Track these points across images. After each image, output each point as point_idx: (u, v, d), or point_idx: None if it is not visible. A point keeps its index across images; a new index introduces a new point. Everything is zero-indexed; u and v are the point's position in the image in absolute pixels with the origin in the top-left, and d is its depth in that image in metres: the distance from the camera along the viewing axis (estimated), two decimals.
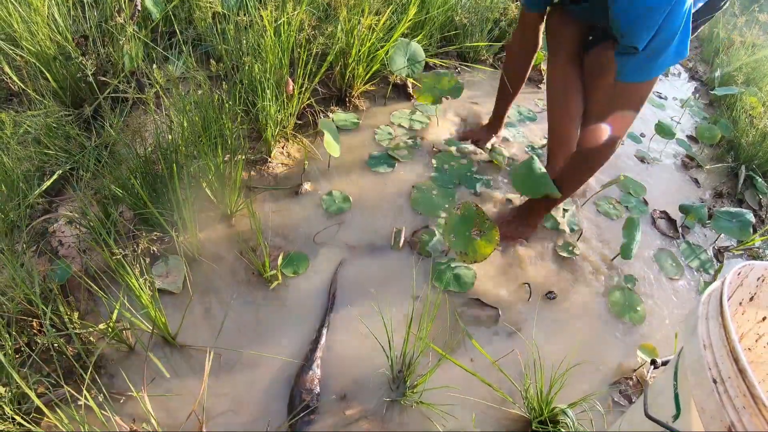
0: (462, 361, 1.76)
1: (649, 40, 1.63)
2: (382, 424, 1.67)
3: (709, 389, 0.92)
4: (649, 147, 3.05)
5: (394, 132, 2.65)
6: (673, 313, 2.18)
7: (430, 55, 2.98)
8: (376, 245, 2.14)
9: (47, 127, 2.14)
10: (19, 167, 2.02)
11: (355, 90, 2.68)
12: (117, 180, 1.92)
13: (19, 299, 1.65)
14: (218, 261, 1.98)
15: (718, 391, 0.91)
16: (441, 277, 2.07)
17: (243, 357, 1.75)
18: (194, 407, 1.58)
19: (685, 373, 1.01)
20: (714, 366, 0.93)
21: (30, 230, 1.96)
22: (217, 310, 1.85)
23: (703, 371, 0.94)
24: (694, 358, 0.99)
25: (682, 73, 4.12)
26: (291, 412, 1.63)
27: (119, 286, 1.79)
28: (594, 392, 1.78)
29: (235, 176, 2.00)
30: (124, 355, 1.71)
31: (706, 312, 1.03)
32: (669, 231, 2.50)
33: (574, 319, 2.06)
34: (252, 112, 2.27)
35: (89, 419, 1.48)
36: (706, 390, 0.93)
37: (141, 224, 1.97)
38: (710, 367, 0.94)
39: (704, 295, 1.09)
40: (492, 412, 1.73)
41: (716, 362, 0.93)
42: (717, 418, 0.90)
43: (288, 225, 2.13)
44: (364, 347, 1.83)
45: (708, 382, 0.93)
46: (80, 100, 2.40)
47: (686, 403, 1.05)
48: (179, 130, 1.98)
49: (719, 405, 0.90)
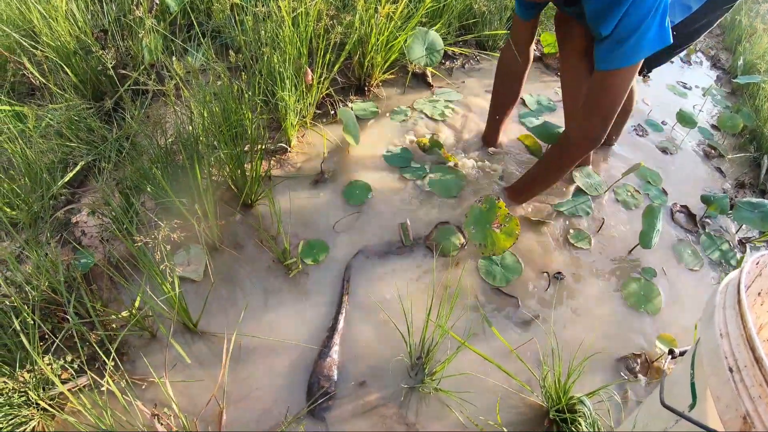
0: (480, 349, 1.75)
1: (615, 26, 1.63)
2: (400, 410, 1.66)
3: (725, 378, 0.91)
4: (670, 136, 3.01)
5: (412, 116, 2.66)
6: (693, 304, 2.14)
7: (449, 44, 2.96)
8: (395, 235, 2.13)
9: (69, 120, 2.16)
10: (41, 159, 2.05)
11: (374, 79, 2.68)
12: (138, 170, 1.94)
13: (43, 288, 1.67)
14: (239, 249, 1.99)
15: (734, 380, 0.89)
16: (493, 274, 2.06)
17: (263, 343, 1.76)
18: (214, 393, 1.59)
19: (702, 362, 0.99)
20: (730, 355, 0.92)
21: (53, 221, 1.98)
22: (237, 297, 1.86)
23: (720, 360, 0.93)
24: (710, 347, 0.97)
25: (704, 61, 4.06)
26: (310, 398, 1.64)
27: (141, 275, 1.81)
28: (611, 382, 1.76)
29: (255, 166, 2.01)
30: (146, 342, 1.73)
31: (723, 301, 1.02)
32: (688, 225, 2.46)
33: (593, 308, 2.04)
34: (271, 102, 2.28)
35: (112, 404, 1.49)
36: (722, 379, 0.91)
37: (162, 214, 1.98)
38: (726, 356, 0.92)
39: (722, 284, 1.07)
40: (510, 400, 1.72)
41: (733, 351, 0.92)
42: (732, 407, 0.89)
43: (307, 214, 2.14)
44: (383, 334, 1.83)
45: (724, 371, 0.91)
46: (101, 93, 2.42)
47: (702, 393, 1.04)
48: (199, 120, 1.98)
49: (735, 394, 0.88)
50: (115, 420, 1.46)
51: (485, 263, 2.08)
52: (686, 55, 3.93)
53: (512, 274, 2.05)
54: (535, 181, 2.24)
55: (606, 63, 1.73)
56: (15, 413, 1.47)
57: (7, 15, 2.47)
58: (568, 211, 2.34)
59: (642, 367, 1.87)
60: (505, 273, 2.05)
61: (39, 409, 1.51)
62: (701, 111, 3.29)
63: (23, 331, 1.52)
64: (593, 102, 1.83)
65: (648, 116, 3.03)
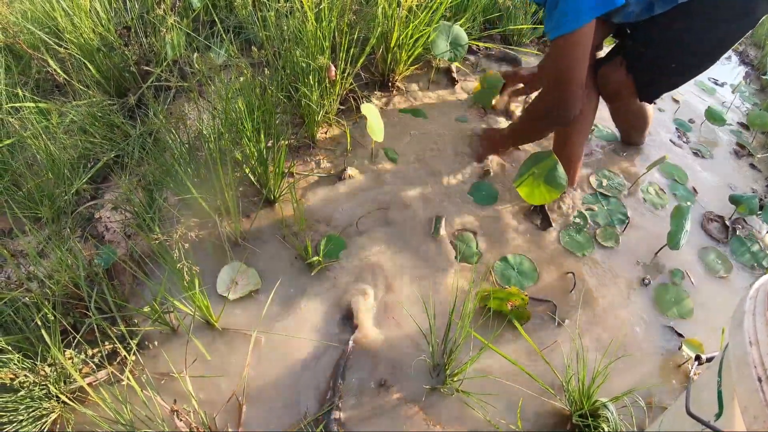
0: (502, 350, 1.71)
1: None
2: (421, 411, 1.63)
3: (753, 388, 0.86)
4: (699, 134, 2.93)
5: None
6: (720, 309, 2.06)
7: (474, 39, 2.93)
8: (419, 232, 2.10)
9: (92, 116, 2.17)
10: (65, 155, 2.05)
11: (398, 74, 2.65)
12: (161, 166, 1.93)
13: (64, 282, 1.67)
14: (261, 246, 1.97)
15: (762, 390, 0.85)
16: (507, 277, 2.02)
17: (284, 341, 1.74)
18: (235, 390, 1.58)
19: (730, 369, 0.95)
20: (760, 364, 0.88)
21: (76, 216, 1.98)
22: (259, 294, 1.85)
23: (748, 369, 0.89)
24: (739, 355, 0.93)
25: (733, 57, 3.97)
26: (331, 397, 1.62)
27: (163, 270, 1.80)
28: (636, 387, 1.70)
29: (278, 162, 1.99)
30: (167, 337, 1.71)
31: (753, 307, 0.97)
32: (719, 235, 2.37)
33: (618, 311, 1.98)
34: (294, 98, 2.26)
35: (131, 399, 1.48)
36: (750, 388, 0.87)
37: (185, 209, 1.97)
38: (755, 365, 0.88)
39: (752, 289, 1.02)
40: (532, 403, 1.68)
41: (762, 360, 0.88)
42: (760, 419, 0.85)
43: (331, 210, 2.11)
44: (406, 333, 1.80)
45: (752, 381, 0.87)
46: (124, 89, 2.43)
47: (729, 402, 1.00)
48: (222, 116, 1.97)
49: (763, 405, 0.84)
50: (134, 414, 1.44)
51: (502, 265, 2.04)
52: None
53: (527, 281, 2.01)
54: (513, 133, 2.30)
55: (549, 30, 1.75)
56: (36, 406, 1.47)
57: (31, 12, 2.49)
58: (604, 222, 2.27)
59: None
60: (520, 278, 2.01)
61: (59, 403, 1.52)
62: (730, 108, 3.21)
63: (45, 326, 1.52)
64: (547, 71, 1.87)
65: (676, 114, 2.96)
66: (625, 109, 2.37)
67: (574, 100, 1.84)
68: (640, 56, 1.97)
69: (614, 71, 2.03)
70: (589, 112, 2.14)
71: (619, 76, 2.02)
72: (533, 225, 2.21)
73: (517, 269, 2.04)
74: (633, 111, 2.40)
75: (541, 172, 1.96)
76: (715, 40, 1.88)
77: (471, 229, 2.15)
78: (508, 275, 2.02)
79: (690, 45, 1.90)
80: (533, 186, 1.98)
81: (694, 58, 1.95)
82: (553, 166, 1.95)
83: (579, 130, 2.15)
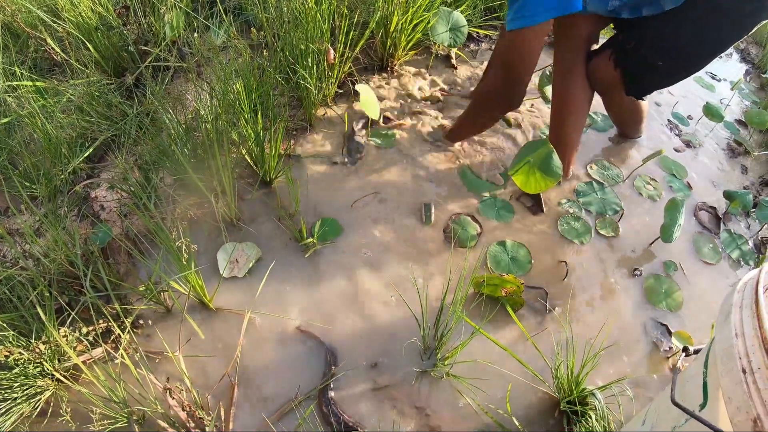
0: (493, 336, 1.72)
1: None
2: (410, 393, 1.65)
3: (737, 379, 0.88)
4: (695, 129, 2.92)
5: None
6: (710, 303, 2.07)
7: (474, 26, 2.92)
8: (413, 217, 2.11)
9: (89, 95, 2.16)
10: (62, 134, 2.05)
11: (397, 59, 2.65)
12: (158, 146, 1.93)
13: (60, 260, 1.67)
14: (256, 227, 1.97)
15: (746, 381, 0.87)
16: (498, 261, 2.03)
17: (277, 321, 1.75)
18: (228, 370, 1.59)
19: (716, 361, 0.96)
20: (744, 356, 0.89)
21: (72, 195, 1.98)
22: (253, 274, 1.85)
23: (733, 360, 0.90)
24: (725, 347, 0.94)
25: (734, 54, 3.95)
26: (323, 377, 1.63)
27: (158, 250, 1.80)
28: (624, 377, 1.71)
29: (275, 143, 1.99)
30: (161, 317, 1.72)
31: (740, 300, 0.98)
32: (711, 225, 2.37)
33: (609, 301, 1.99)
34: (292, 80, 2.25)
35: (125, 377, 1.48)
36: (735, 380, 0.89)
37: (181, 189, 1.98)
38: (741, 357, 0.89)
39: (740, 283, 1.04)
40: (521, 389, 1.69)
41: (747, 352, 0.89)
42: (743, 410, 0.86)
43: (326, 193, 2.12)
44: (398, 317, 1.81)
45: (737, 372, 0.89)
46: (122, 69, 2.42)
47: (714, 393, 1.01)
48: (220, 97, 1.97)
49: (746, 396, 0.86)
50: (127, 392, 1.45)
51: (496, 249, 2.05)
52: None
53: (519, 269, 2.01)
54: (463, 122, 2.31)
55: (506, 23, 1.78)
56: (30, 383, 1.48)
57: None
58: (597, 210, 2.28)
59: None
60: (511, 265, 2.02)
61: (54, 380, 1.52)
62: (728, 105, 3.18)
63: (40, 303, 1.52)
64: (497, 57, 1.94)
65: (674, 108, 2.96)
66: (618, 103, 2.37)
67: (517, 88, 1.93)
68: (628, 53, 1.98)
69: (603, 64, 2.04)
70: (584, 103, 2.15)
71: (607, 69, 2.04)
72: (524, 207, 2.22)
73: (511, 255, 2.04)
74: (625, 105, 2.39)
75: (536, 160, 1.96)
76: (705, 46, 1.90)
77: (467, 213, 2.15)
78: (500, 260, 2.02)
79: (679, 48, 1.91)
80: (528, 174, 1.98)
81: (683, 62, 1.97)
82: (548, 154, 1.95)
83: (574, 121, 2.15)
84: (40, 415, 1.51)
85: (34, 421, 1.50)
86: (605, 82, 2.08)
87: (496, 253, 2.04)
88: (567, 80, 2.10)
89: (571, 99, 2.12)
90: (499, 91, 1.97)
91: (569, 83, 2.10)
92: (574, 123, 2.16)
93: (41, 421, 1.51)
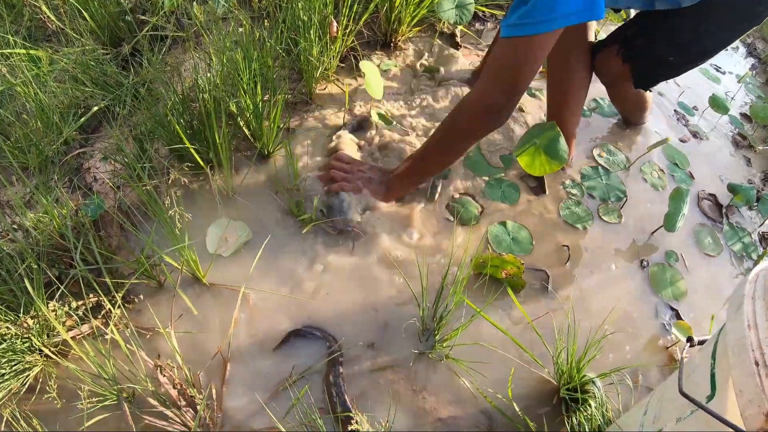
0: (494, 319, 1.68)
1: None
2: (408, 375, 1.62)
3: (750, 371, 0.85)
4: (700, 120, 2.88)
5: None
6: (710, 294, 2.05)
7: (481, 4, 2.86)
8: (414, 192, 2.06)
9: (84, 64, 2.11)
10: (55, 103, 2.00)
11: (401, 35, 2.59)
12: (154, 117, 1.88)
13: (50, 232, 1.63)
14: (253, 201, 1.92)
15: (759, 374, 0.84)
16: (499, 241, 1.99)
17: (271, 298, 1.71)
18: (221, 347, 1.55)
19: (726, 352, 0.94)
20: (757, 348, 0.87)
21: (64, 165, 1.94)
22: (248, 249, 1.81)
23: (746, 352, 0.87)
24: (736, 338, 0.91)
25: (740, 48, 3.91)
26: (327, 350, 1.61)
27: (152, 223, 1.76)
28: (624, 365, 1.68)
29: (274, 116, 1.94)
30: (153, 292, 1.68)
31: (753, 291, 0.96)
32: (713, 214, 2.35)
33: (611, 288, 1.96)
34: (293, 52, 2.20)
35: (115, 353, 1.45)
36: (747, 372, 0.86)
37: (176, 161, 1.93)
38: (753, 349, 0.87)
39: (752, 273, 1.01)
40: (521, 374, 1.65)
41: (760, 344, 0.87)
42: (755, 403, 0.83)
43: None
44: (398, 296, 1.77)
45: (749, 364, 0.86)
46: (118, 38, 2.36)
47: (723, 385, 0.98)
48: (218, 68, 1.92)
49: (759, 389, 0.83)
50: (117, 369, 1.42)
51: (497, 230, 2.01)
52: None
53: (521, 250, 1.98)
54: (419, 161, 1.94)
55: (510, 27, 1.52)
56: (18, 359, 1.44)
57: None
58: (600, 195, 2.24)
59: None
60: (513, 245, 1.99)
61: (42, 356, 1.49)
62: (733, 99, 3.15)
63: (28, 276, 1.48)
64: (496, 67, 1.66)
65: (680, 98, 2.91)
66: (623, 95, 2.34)
67: (517, 99, 1.69)
68: (637, 48, 1.94)
69: (611, 59, 2.00)
70: (581, 90, 2.10)
71: (616, 64, 2.00)
72: (528, 188, 2.19)
73: (512, 236, 2.01)
74: (630, 97, 2.38)
75: (542, 142, 1.91)
76: (717, 43, 1.88)
77: (469, 193, 2.11)
78: (502, 240, 1.99)
79: (692, 45, 1.88)
80: (534, 156, 1.93)
81: (694, 57, 1.95)
82: (556, 137, 1.90)
83: (571, 108, 2.11)
84: (28, 391, 1.47)
85: (23, 398, 1.46)
86: (614, 76, 2.06)
87: (498, 234, 2.00)
88: (565, 67, 2.05)
89: (570, 88, 2.08)
90: (498, 105, 1.67)
91: (569, 70, 2.05)
92: (571, 111, 2.12)
93: (29, 397, 1.47)
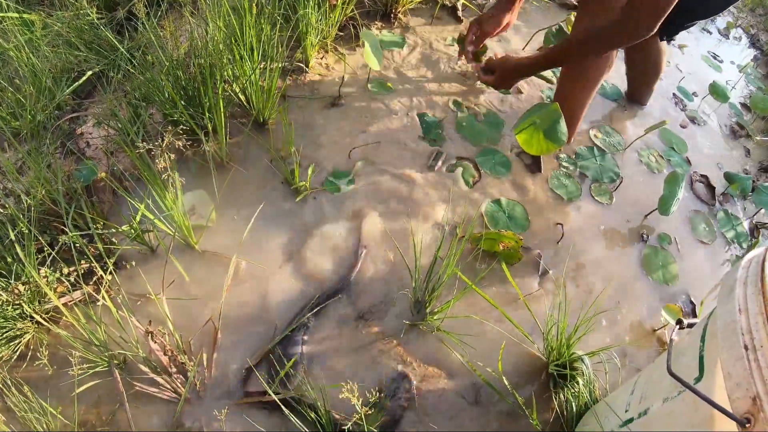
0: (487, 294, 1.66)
1: None
2: (398, 346, 1.62)
3: (738, 355, 0.87)
4: (699, 106, 2.87)
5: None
6: (702, 278, 2.06)
7: None
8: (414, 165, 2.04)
9: (78, 28, 2.07)
10: (48, 68, 1.96)
11: (401, 6, 2.54)
12: (148, 81, 1.85)
13: (41, 197, 1.60)
14: (246, 168, 1.91)
15: (748, 358, 0.86)
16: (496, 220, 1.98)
17: (263, 267, 1.70)
18: (212, 316, 1.54)
19: (715, 335, 0.95)
20: (747, 332, 0.88)
21: (56, 130, 1.91)
22: (241, 217, 1.79)
23: (735, 336, 0.89)
24: (726, 322, 0.93)
25: (743, 38, 3.88)
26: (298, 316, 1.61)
27: (144, 188, 1.73)
28: (613, 344, 1.70)
29: (271, 83, 1.91)
30: (145, 258, 1.67)
31: (745, 276, 0.97)
32: (706, 196, 2.36)
33: (603, 268, 1.96)
34: (292, 19, 2.16)
35: (106, 320, 1.44)
36: (736, 355, 0.87)
37: (170, 126, 1.90)
38: (743, 333, 0.89)
39: (745, 258, 1.02)
40: (511, 349, 1.65)
41: (750, 329, 0.88)
42: (743, 386, 0.85)
43: (321, 137, 2.05)
44: (391, 268, 1.77)
45: (739, 348, 0.87)
46: (113, 3, 2.32)
47: (711, 368, 1.00)
48: (215, 33, 1.88)
49: (747, 373, 0.85)
50: (108, 336, 1.41)
51: (492, 208, 2.00)
52: (725, 28, 3.75)
53: (517, 227, 1.97)
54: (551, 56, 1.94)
55: None
56: (10, 326, 1.43)
57: None
58: (593, 176, 2.23)
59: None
60: (509, 223, 1.97)
61: (33, 323, 1.47)
62: (734, 88, 3.14)
63: (19, 242, 1.46)
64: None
65: (680, 83, 2.89)
66: (645, 57, 2.31)
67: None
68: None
69: None
70: (601, 70, 2.03)
71: None
72: (522, 165, 2.18)
73: (507, 213, 2.00)
74: (651, 60, 2.35)
75: (542, 122, 1.89)
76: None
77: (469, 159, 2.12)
78: (498, 218, 1.98)
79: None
80: (532, 135, 1.91)
81: (712, 6, 1.99)
82: (557, 119, 1.88)
83: (587, 87, 2.07)
84: (19, 359, 1.46)
85: (14, 365, 1.45)
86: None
87: (493, 212, 1.99)
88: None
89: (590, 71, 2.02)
90: (648, 32, 1.67)
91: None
92: (586, 89, 2.08)
93: (20, 365, 1.46)
